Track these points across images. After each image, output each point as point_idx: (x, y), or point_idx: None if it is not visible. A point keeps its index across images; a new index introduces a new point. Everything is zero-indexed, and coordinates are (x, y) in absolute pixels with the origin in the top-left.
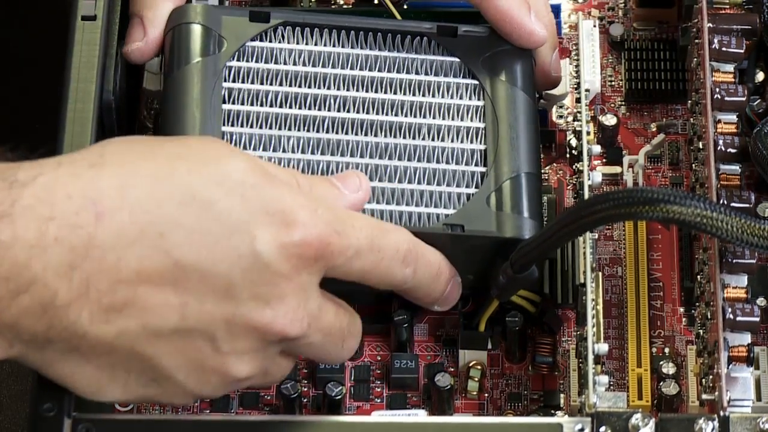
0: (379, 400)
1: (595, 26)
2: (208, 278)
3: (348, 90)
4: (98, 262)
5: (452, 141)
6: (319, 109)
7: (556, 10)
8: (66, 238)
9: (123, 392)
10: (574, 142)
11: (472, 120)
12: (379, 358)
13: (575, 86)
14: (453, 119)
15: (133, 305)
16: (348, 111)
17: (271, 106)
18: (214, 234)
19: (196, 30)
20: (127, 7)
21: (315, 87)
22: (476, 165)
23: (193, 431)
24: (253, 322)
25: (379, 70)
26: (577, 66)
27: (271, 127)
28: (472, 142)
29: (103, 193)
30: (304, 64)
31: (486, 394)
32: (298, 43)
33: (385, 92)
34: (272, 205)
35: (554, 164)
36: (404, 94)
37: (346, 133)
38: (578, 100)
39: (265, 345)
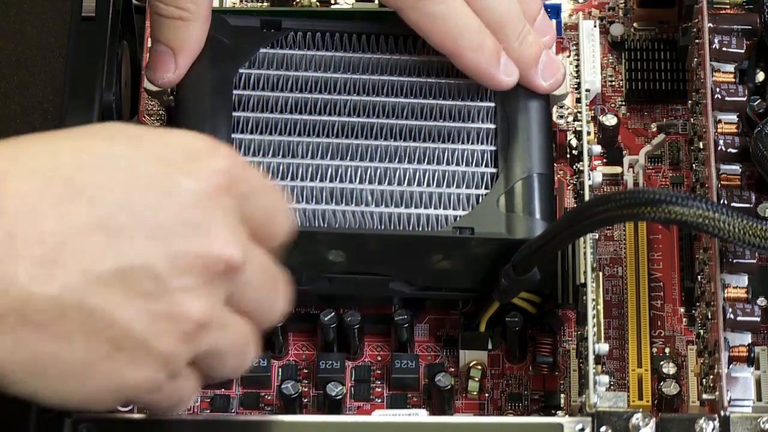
0: (379, 400)
1: (595, 26)
2: (133, 215)
3: (358, 94)
4: (14, 216)
5: (462, 143)
6: (330, 114)
7: (556, 10)
8: None
9: (89, 366)
10: (574, 143)
11: (483, 122)
12: (380, 359)
13: (575, 86)
14: (464, 121)
15: (66, 253)
16: (358, 115)
17: (281, 112)
18: (130, 175)
19: (207, 39)
20: (127, 7)
21: (325, 92)
22: (486, 166)
23: (193, 431)
24: (192, 251)
25: (389, 74)
26: (577, 66)
27: (281, 133)
28: (482, 143)
29: (18, 153)
30: (314, 70)
31: (486, 394)
32: (309, 49)
33: (396, 96)
34: (187, 145)
35: (555, 164)
36: (414, 97)
37: (356, 138)
38: (578, 101)
39: (210, 278)
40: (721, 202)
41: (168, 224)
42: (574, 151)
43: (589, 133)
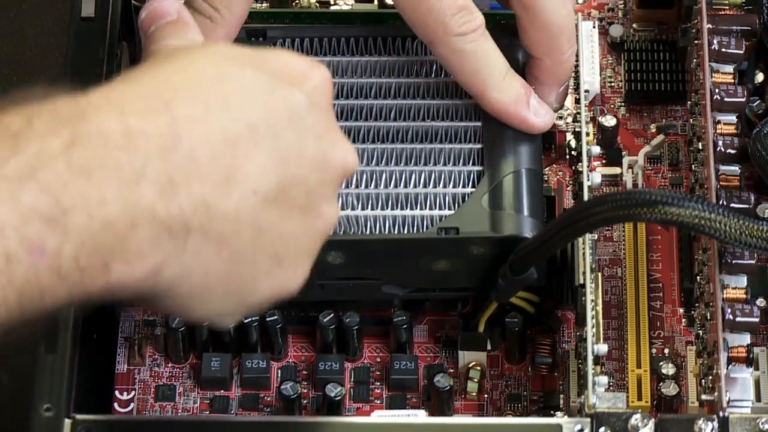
0: (378, 401)
1: (594, 27)
2: (277, 131)
3: (344, 98)
4: (189, 140)
5: (450, 142)
6: None
7: None
8: (147, 126)
9: (252, 278)
10: (573, 143)
11: (470, 120)
12: (379, 360)
13: (574, 87)
14: (450, 120)
15: (237, 172)
16: (346, 119)
17: None
18: (264, 95)
19: None
20: (126, 7)
21: None
22: (473, 164)
23: (193, 431)
24: (333, 162)
25: (375, 76)
26: (576, 67)
27: None
28: (469, 141)
29: (169, 84)
30: None
31: (485, 395)
32: None
33: (383, 98)
34: (287, 61)
35: (554, 165)
36: (399, 98)
37: None
38: (578, 101)
39: (337, 185)
40: (720, 202)
41: (308, 139)
42: (573, 152)
43: (588, 134)
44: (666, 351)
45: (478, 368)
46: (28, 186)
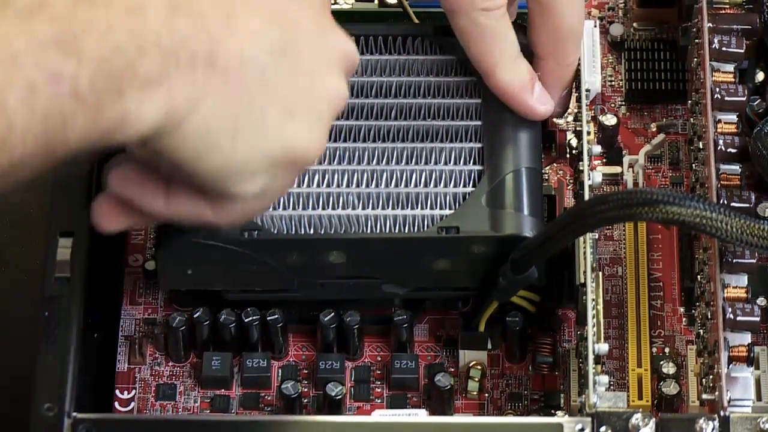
0: (379, 401)
1: (595, 26)
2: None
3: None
4: None
5: (450, 141)
6: None
7: None
8: None
9: (261, 121)
10: (574, 142)
11: (470, 119)
12: (380, 359)
13: (575, 86)
14: (451, 119)
15: (237, 16)
16: (346, 119)
17: None
18: None
19: None
20: None
21: None
22: (474, 164)
23: (193, 431)
24: (329, 41)
25: (377, 75)
26: (577, 66)
27: None
28: (469, 140)
29: None
30: None
31: (486, 394)
32: None
33: (384, 97)
34: None
35: (554, 164)
36: (403, 97)
37: (344, 141)
38: (578, 100)
39: (341, 69)
40: (721, 201)
41: (302, 16)
42: (574, 151)
43: (589, 133)
44: (666, 350)
45: (479, 367)
46: (39, 17)
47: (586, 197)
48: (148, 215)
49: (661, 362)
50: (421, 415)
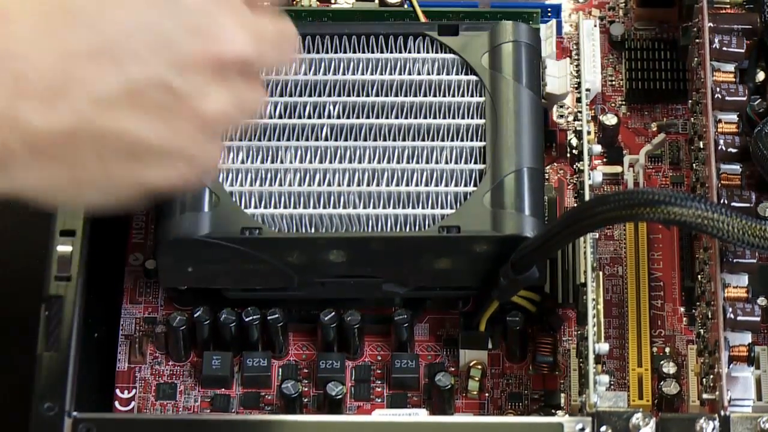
0: (379, 400)
1: (595, 26)
2: (135, 34)
3: (348, 96)
4: (14, 56)
5: (452, 140)
6: (318, 117)
7: (556, 10)
8: None
9: (106, 178)
10: (574, 142)
11: (472, 117)
12: (380, 358)
13: (576, 86)
14: (453, 117)
15: (71, 82)
16: (348, 117)
17: (270, 117)
18: None
19: None
20: None
21: (315, 95)
22: (476, 163)
23: (193, 431)
24: (199, 52)
25: (378, 73)
26: (577, 66)
27: (269, 139)
28: (471, 139)
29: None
30: (304, 73)
31: (486, 394)
32: (297, 53)
33: (386, 95)
34: None
35: (555, 164)
36: (404, 95)
37: (345, 140)
38: (579, 100)
39: (223, 73)
40: (722, 201)
41: (171, 35)
42: (574, 151)
43: (589, 133)
44: (667, 350)
45: (479, 367)
46: None
47: (587, 197)
48: None
49: (662, 362)
50: (421, 415)
